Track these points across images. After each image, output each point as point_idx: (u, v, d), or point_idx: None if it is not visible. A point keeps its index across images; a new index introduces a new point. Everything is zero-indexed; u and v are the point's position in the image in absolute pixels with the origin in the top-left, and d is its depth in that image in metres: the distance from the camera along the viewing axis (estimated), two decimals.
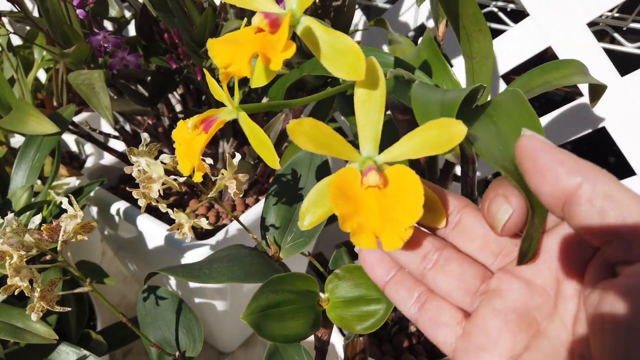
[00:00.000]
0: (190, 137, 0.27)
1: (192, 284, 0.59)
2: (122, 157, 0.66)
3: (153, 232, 0.58)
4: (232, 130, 0.62)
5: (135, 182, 0.34)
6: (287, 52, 0.22)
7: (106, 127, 0.90)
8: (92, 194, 0.62)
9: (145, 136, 0.34)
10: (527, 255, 0.22)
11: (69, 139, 0.82)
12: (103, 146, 0.64)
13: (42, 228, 0.35)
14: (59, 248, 0.34)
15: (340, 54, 0.23)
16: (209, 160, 0.33)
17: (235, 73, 0.24)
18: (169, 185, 0.33)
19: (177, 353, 0.40)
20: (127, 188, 0.33)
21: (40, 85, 0.88)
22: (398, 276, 0.27)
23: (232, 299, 0.63)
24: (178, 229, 0.34)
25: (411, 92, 0.29)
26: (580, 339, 0.21)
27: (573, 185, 0.19)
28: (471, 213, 0.25)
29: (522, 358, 0.22)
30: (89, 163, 0.75)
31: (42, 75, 0.92)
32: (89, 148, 0.79)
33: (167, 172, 0.33)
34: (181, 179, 0.33)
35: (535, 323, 0.23)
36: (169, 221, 0.60)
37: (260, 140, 0.25)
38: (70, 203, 0.35)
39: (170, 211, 0.34)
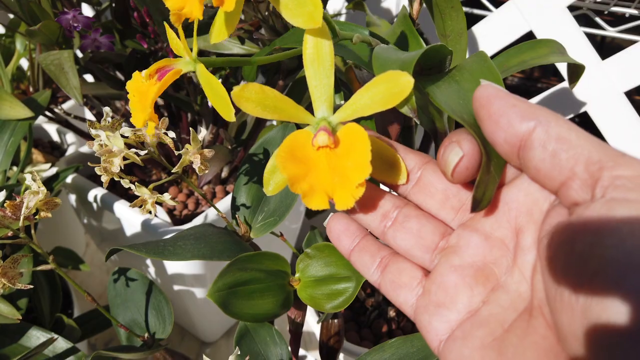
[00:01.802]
0: (144, 87, 0.26)
1: (169, 271, 0.58)
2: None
3: (131, 218, 0.57)
4: (213, 115, 0.61)
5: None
6: None
7: (89, 115, 0.89)
8: (69, 180, 0.61)
9: (107, 110, 0.33)
10: (481, 202, 0.21)
11: (51, 128, 0.81)
12: (83, 134, 0.64)
13: (5, 205, 0.35)
14: (20, 224, 0.34)
15: (298, 2, 0.23)
16: (172, 134, 0.33)
17: (187, 14, 0.24)
18: (132, 160, 0.33)
19: (147, 334, 0.40)
20: (89, 163, 0.33)
21: (22, 76, 0.87)
22: (362, 243, 0.26)
23: None
24: (141, 206, 0.34)
25: (373, 53, 0.28)
26: (539, 289, 0.20)
27: (526, 130, 0.19)
28: (432, 169, 0.25)
29: (480, 312, 0.22)
30: (70, 152, 0.74)
31: (26, 66, 0.91)
32: (70, 138, 0.78)
33: (129, 147, 0.33)
34: (142, 152, 0.32)
35: (493, 276, 0.22)
36: None
37: (216, 92, 0.25)
38: (33, 179, 0.35)
39: (132, 186, 0.33)
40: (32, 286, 0.34)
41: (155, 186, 0.35)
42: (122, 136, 0.32)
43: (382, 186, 0.28)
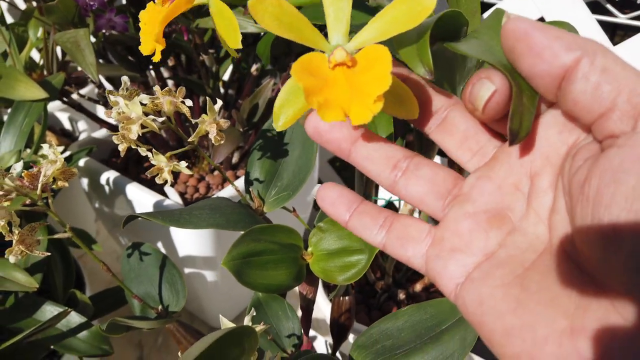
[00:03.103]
0: (156, 11, 0.26)
1: (180, 253, 0.59)
2: (114, 129, 0.66)
3: (143, 200, 0.58)
4: (224, 99, 0.62)
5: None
6: None
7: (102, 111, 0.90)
8: (82, 164, 0.62)
9: (125, 79, 0.34)
10: (519, 133, 0.21)
11: (63, 116, 0.82)
12: (95, 117, 0.64)
13: (22, 174, 0.35)
14: (38, 192, 0.34)
15: None
16: (189, 102, 0.33)
17: None
18: (150, 128, 0.33)
19: (160, 307, 0.40)
20: (107, 131, 0.33)
21: (34, 65, 0.88)
22: (360, 208, 0.26)
23: (222, 270, 0.62)
24: (157, 174, 0.34)
25: None
26: (558, 228, 0.20)
27: (573, 60, 0.19)
28: (458, 110, 0.24)
29: (497, 254, 0.22)
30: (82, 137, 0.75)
31: (38, 57, 0.92)
32: (82, 125, 0.79)
33: (147, 115, 0.33)
34: (160, 120, 0.33)
35: (508, 221, 0.22)
36: (159, 190, 0.60)
37: (227, 20, 0.25)
38: (50, 149, 0.35)
39: (149, 154, 0.33)
40: (49, 253, 0.35)
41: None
42: (140, 104, 0.32)
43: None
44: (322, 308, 0.59)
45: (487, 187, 0.23)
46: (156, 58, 0.26)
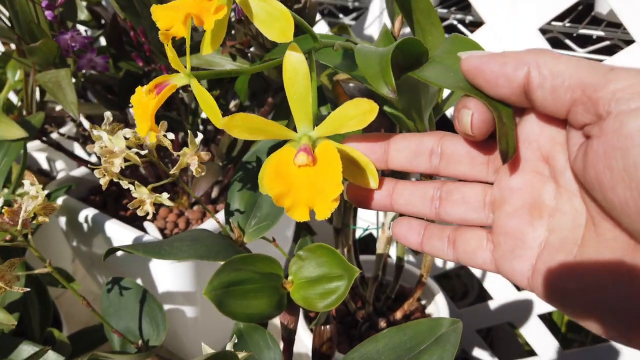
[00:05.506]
0: (145, 100, 0.29)
1: (160, 289, 0.58)
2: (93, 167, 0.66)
3: (122, 237, 0.58)
4: (204, 135, 0.63)
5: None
6: (219, 14, 0.26)
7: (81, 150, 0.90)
8: (60, 202, 0.62)
9: (108, 114, 0.35)
10: (508, 153, 0.24)
11: (40, 156, 0.82)
12: (73, 156, 0.65)
13: (2, 210, 0.35)
14: (19, 227, 0.34)
15: (273, 17, 0.27)
16: (171, 135, 0.34)
17: (175, 33, 0.27)
18: (132, 161, 0.34)
19: (140, 341, 0.40)
20: (89, 166, 0.34)
21: (12, 106, 0.88)
22: (426, 233, 0.29)
23: (202, 306, 0.62)
24: (139, 206, 0.35)
25: (355, 50, 0.30)
26: (593, 199, 0.22)
27: (523, 76, 0.22)
28: (450, 140, 0.28)
29: (550, 241, 0.24)
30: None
31: (15, 99, 0.93)
32: (59, 165, 0.79)
33: (129, 149, 0.34)
34: (143, 152, 0.34)
35: (545, 206, 0.25)
36: (138, 227, 0.60)
37: (207, 102, 0.28)
38: (31, 184, 0.36)
39: (132, 187, 0.34)
40: (28, 289, 0.35)
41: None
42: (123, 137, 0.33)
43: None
44: (304, 339, 0.59)
45: (514, 184, 0.25)
46: (151, 140, 0.29)
